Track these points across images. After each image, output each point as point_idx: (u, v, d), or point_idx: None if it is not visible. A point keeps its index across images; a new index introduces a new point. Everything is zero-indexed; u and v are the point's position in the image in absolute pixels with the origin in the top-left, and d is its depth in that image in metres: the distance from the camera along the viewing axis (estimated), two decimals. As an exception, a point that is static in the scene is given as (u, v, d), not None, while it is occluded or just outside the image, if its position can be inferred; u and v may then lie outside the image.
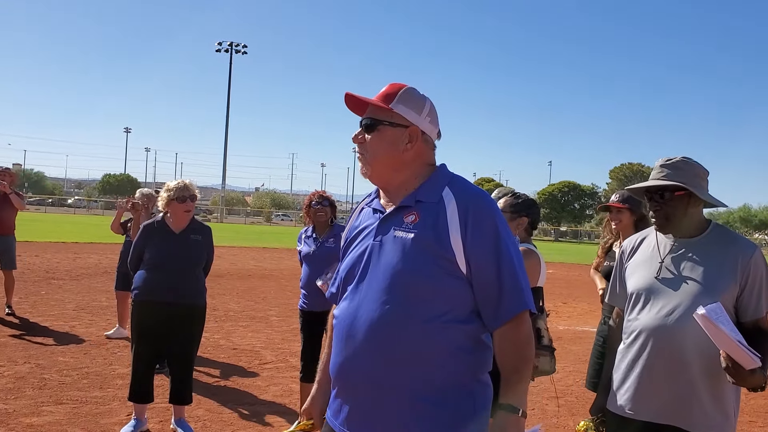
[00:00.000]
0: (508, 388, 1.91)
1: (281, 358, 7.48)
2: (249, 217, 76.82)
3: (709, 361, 2.44)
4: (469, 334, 1.97)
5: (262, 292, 13.04)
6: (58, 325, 8.37)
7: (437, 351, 1.92)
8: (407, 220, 2.01)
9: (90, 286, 12.03)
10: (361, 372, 1.97)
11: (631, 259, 2.77)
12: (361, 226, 2.15)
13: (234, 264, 18.32)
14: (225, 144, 74.70)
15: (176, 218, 4.86)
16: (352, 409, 2.01)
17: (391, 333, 1.93)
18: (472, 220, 1.95)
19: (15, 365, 6.30)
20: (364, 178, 2.11)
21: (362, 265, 2.05)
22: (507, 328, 1.94)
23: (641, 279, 2.66)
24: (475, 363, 1.99)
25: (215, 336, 8.35)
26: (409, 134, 2.07)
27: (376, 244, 2.03)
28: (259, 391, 6.06)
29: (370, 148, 2.07)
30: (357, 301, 2.02)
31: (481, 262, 1.93)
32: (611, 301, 2.89)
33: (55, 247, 19.74)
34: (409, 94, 2.09)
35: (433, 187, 2.04)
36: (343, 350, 2.03)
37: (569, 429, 5.51)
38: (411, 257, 1.94)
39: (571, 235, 77.96)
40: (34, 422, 4.79)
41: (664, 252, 2.63)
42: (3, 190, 8.71)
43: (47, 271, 13.83)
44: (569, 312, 12.63)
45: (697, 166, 2.65)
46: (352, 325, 2.00)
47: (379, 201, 2.14)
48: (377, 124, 2.07)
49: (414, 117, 2.08)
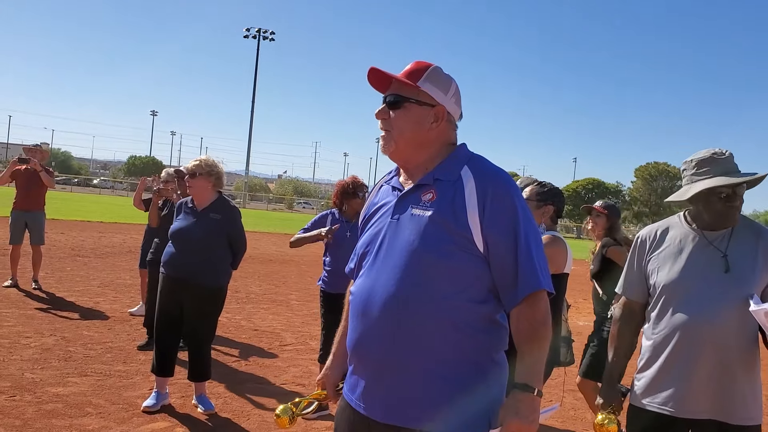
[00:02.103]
0: (522, 367, 1.91)
1: (301, 340, 7.55)
2: (271, 203, 77.16)
3: (748, 354, 2.48)
4: (484, 313, 1.97)
5: (283, 277, 13.14)
6: (83, 300, 8.52)
7: (452, 329, 1.93)
8: (425, 198, 2.01)
9: (114, 264, 12.19)
10: (376, 348, 1.99)
11: (656, 252, 2.70)
12: (380, 203, 2.16)
13: (256, 248, 18.46)
14: (250, 130, 75.06)
15: (193, 195, 4.94)
16: (367, 384, 2.03)
17: (406, 310, 1.94)
18: (490, 199, 1.94)
19: (42, 337, 6.42)
20: (385, 154, 2.12)
21: (379, 243, 2.06)
22: (523, 307, 1.94)
23: (673, 273, 2.60)
24: (490, 342, 1.99)
25: (237, 317, 8.44)
26: (435, 113, 2.07)
27: (394, 222, 2.04)
28: (279, 372, 6.14)
29: (395, 125, 2.07)
30: (373, 278, 2.03)
31: (498, 241, 1.93)
32: (627, 294, 2.81)
33: (81, 226, 20.01)
34: (436, 73, 2.09)
35: (451, 165, 2.04)
36: (359, 326, 2.05)
37: (587, 422, 5.52)
38: (427, 235, 1.95)
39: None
40: (60, 392, 4.90)
41: (708, 244, 2.58)
42: (34, 167, 8.86)
43: (72, 248, 14.04)
44: (590, 308, 12.51)
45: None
46: (367, 301, 2.01)
47: (398, 179, 2.15)
48: (404, 101, 2.07)
49: (441, 96, 2.08)
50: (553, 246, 3.54)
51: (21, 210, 9.09)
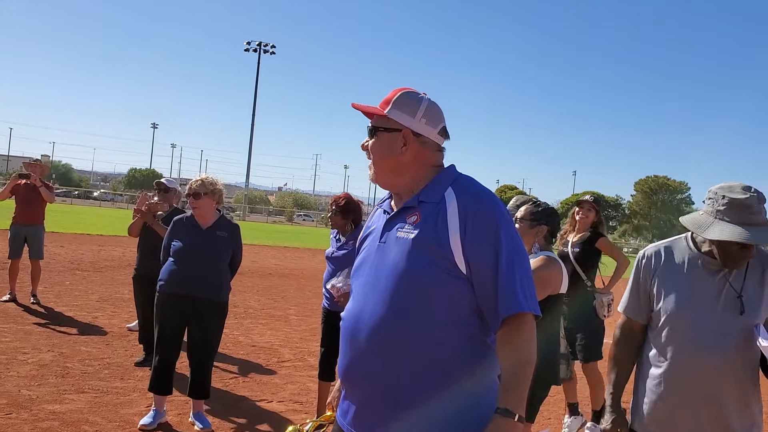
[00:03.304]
0: (504, 392, 1.88)
1: (299, 356, 7.53)
2: (271, 216, 77.14)
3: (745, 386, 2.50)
4: (471, 336, 1.96)
5: (282, 291, 13.11)
6: (82, 315, 8.49)
7: (439, 353, 1.93)
8: (409, 221, 2.03)
9: (113, 278, 12.18)
10: (365, 373, 1.99)
11: (661, 275, 2.63)
12: (372, 227, 2.19)
13: (255, 262, 18.43)
14: (250, 142, 75.14)
15: (198, 213, 4.93)
16: (358, 409, 2.03)
17: (393, 334, 1.94)
18: (471, 220, 1.94)
19: (39, 353, 6.40)
20: (372, 182, 2.19)
21: (368, 266, 2.08)
22: (506, 330, 1.91)
23: (681, 302, 2.55)
24: (479, 365, 1.97)
25: (234, 332, 8.41)
26: (403, 137, 2.09)
27: (381, 245, 2.06)
28: (277, 389, 6.11)
29: (372, 153, 2.14)
30: (361, 302, 2.04)
31: (479, 262, 1.92)
32: (628, 313, 2.75)
33: (80, 239, 20.00)
34: (403, 98, 2.10)
35: (435, 187, 2.05)
36: (348, 352, 2.05)
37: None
38: (411, 257, 1.95)
39: (593, 246, 77.16)
40: (57, 409, 4.88)
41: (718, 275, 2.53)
42: (34, 183, 8.89)
43: (72, 261, 14.02)
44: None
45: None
46: (355, 326, 2.02)
47: (390, 202, 2.17)
48: (375, 130, 2.13)
49: (407, 120, 2.08)
50: (548, 268, 3.53)
51: (20, 224, 9.08)
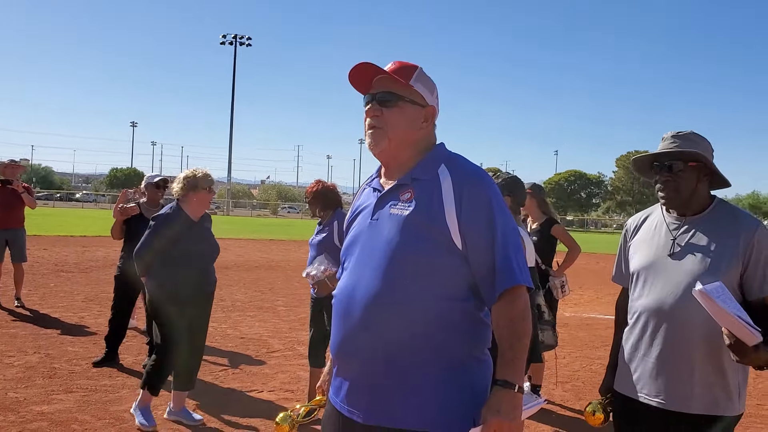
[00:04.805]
0: (503, 364, 1.91)
1: (289, 346, 7.52)
2: (255, 209, 76.91)
3: (711, 342, 2.38)
4: (465, 311, 1.98)
5: (269, 283, 13.08)
6: (67, 316, 8.43)
7: (433, 327, 1.94)
8: (403, 198, 2.03)
9: (98, 278, 12.08)
10: (358, 349, 1.99)
11: (635, 237, 2.71)
12: (362, 205, 2.18)
13: (241, 256, 18.37)
14: (230, 137, 75.18)
15: (201, 207, 4.80)
16: (351, 385, 2.03)
17: (387, 310, 1.94)
18: (467, 197, 1.96)
19: (25, 355, 6.35)
20: (373, 151, 2.11)
21: (360, 244, 2.08)
22: (502, 303, 1.94)
23: (644, 258, 2.61)
24: (471, 340, 2.00)
25: (222, 326, 8.39)
26: (425, 114, 2.11)
27: (374, 222, 2.06)
28: (267, 379, 6.10)
29: (389, 122, 2.07)
30: (354, 278, 2.04)
31: (476, 238, 1.95)
32: (617, 281, 2.83)
33: (64, 241, 19.83)
34: (424, 74, 2.13)
35: (429, 164, 2.06)
36: (342, 328, 2.05)
37: (576, 413, 5.53)
38: (406, 234, 1.96)
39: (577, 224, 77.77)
40: (45, 410, 4.84)
41: (669, 230, 2.57)
42: (16, 188, 8.78)
43: (56, 263, 13.91)
44: (576, 299, 12.62)
45: (707, 141, 2.58)
46: (349, 303, 2.02)
47: (379, 180, 2.17)
48: (398, 99, 2.08)
49: (429, 97, 2.12)
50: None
51: (0, 228, 8.98)
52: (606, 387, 2.79)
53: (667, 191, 2.55)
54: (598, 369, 7.03)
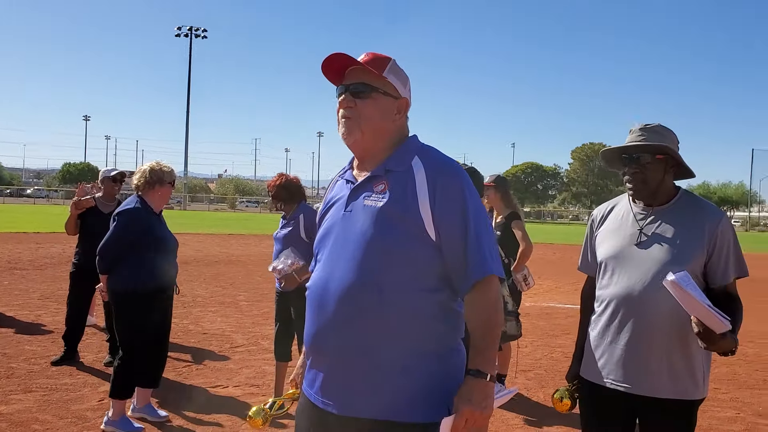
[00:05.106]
0: (476, 354, 1.94)
1: (252, 341, 7.48)
2: (213, 204, 76.08)
3: (679, 329, 2.46)
4: (439, 301, 1.99)
5: (230, 278, 12.97)
6: (23, 314, 8.24)
7: (407, 318, 1.95)
8: (377, 189, 2.03)
9: (54, 275, 11.83)
10: (333, 340, 1.99)
11: (601, 227, 2.77)
12: (335, 197, 2.17)
13: (200, 251, 18.17)
14: (186, 130, 73.81)
15: (163, 202, 4.76)
16: (325, 377, 2.03)
17: (361, 300, 1.95)
18: (441, 188, 1.98)
19: (-20, 355, 6.19)
20: (345, 142, 2.11)
21: (333, 236, 2.07)
22: (474, 293, 1.97)
23: (611, 247, 2.66)
24: (446, 329, 2.02)
25: (184, 321, 8.29)
26: (398, 106, 2.12)
27: (347, 214, 2.06)
28: (232, 374, 6.06)
29: (363, 114, 2.07)
30: (328, 270, 2.04)
31: (449, 229, 1.97)
32: (583, 269, 2.89)
33: (17, 238, 19.36)
34: (397, 66, 2.13)
35: (402, 156, 2.07)
36: (316, 319, 2.05)
37: (540, 400, 5.62)
38: (380, 225, 1.97)
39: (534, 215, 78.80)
40: (3, 411, 4.73)
41: (636, 220, 2.64)
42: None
43: (9, 261, 13.57)
44: (535, 289, 12.74)
45: (673, 134, 2.65)
46: (323, 293, 2.02)
47: (352, 173, 2.17)
48: (372, 90, 2.08)
49: (401, 89, 2.12)
50: None
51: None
52: (572, 374, 2.84)
53: (635, 182, 2.61)
54: (560, 357, 7.16)
